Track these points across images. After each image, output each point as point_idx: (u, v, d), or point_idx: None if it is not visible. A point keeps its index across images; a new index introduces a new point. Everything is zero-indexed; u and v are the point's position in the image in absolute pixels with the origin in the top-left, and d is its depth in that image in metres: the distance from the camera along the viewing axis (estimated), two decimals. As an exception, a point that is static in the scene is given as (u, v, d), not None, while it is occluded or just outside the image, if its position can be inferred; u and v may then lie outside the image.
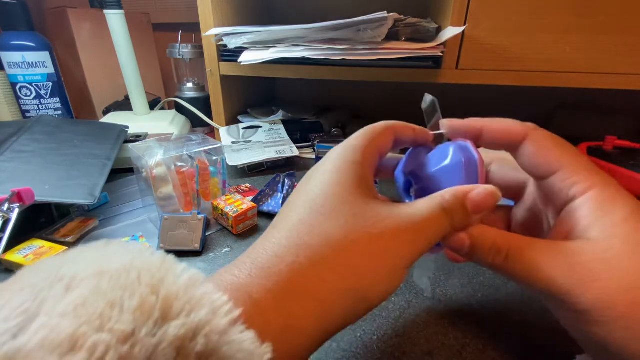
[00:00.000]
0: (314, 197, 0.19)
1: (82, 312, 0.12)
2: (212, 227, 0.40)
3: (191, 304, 0.13)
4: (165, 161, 0.38)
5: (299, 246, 0.17)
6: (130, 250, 0.15)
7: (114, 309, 0.12)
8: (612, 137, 0.54)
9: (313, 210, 0.18)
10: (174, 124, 0.65)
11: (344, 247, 0.17)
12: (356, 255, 0.17)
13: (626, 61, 0.49)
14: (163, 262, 0.14)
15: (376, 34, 0.48)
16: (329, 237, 0.17)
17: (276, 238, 0.18)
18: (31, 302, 0.12)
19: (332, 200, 0.18)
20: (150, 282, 0.13)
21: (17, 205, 0.34)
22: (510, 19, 0.49)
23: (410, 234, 0.18)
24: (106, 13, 0.59)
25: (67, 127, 0.51)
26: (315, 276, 0.16)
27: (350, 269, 0.17)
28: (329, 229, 0.17)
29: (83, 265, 0.14)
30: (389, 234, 0.18)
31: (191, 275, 0.14)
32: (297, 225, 0.18)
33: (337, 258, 0.17)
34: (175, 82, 0.82)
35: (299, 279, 0.16)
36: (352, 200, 0.18)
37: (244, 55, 0.54)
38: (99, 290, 0.12)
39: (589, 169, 0.20)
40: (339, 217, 0.18)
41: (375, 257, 0.17)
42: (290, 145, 0.59)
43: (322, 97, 0.87)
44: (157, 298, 0.13)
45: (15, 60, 0.62)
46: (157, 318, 0.12)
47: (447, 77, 0.54)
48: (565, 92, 0.73)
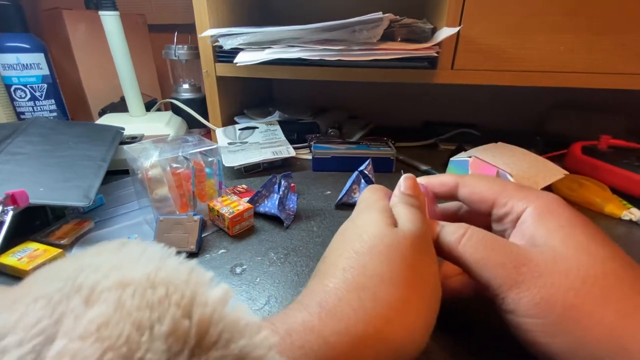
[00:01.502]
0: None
1: (106, 334, 0.10)
2: (208, 229, 0.40)
3: (229, 331, 0.12)
4: (160, 162, 0.38)
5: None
6: (151, 255, 0.14)
7: (143, 334, 0.11)
8: (606, 136, 0.54)
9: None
10: (170, 125, 0.65)
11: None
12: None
13: (620, 61, 0.50)
14: (190, 273, 0.13)
15: (372, 34, 0.48)
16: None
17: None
18: (48, 318, 0.11)
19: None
20: (181, 301, 0.12)
21: (11, 208, 0.34)
22: (505, 19, 0.50)
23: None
24: (101, 14, 0.59)
25: (62, 129, 0.51)
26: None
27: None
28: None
29: (102, 273, 0.12)
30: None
31: (222, 291, 0.13)
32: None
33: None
34: (171, 83, 0.82)
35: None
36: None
37: (239, 56, 0.54)
38: (122, 307, 0.11)
39: (520, 190, 0.23)
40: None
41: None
42: (286, 146, 0.59)
43: (319, 97, 0.87)
44: (191, 322, 0.11)
45: (9, 62, 0.61)
46: (193, 347, 0.11)
47: (442, 78, 0.55)
48: (560, 91, 0.74)
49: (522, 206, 0.22)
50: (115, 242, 0.15)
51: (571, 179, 0.48)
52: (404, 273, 0.19)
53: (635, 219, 0.42)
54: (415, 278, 0.20)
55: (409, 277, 0.19)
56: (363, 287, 0.18)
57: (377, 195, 0.25)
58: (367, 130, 0.74)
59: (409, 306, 0.19)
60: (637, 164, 0.48)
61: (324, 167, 0.57)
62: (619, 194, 0.46)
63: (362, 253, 0.20)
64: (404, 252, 0.20)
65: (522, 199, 0.22)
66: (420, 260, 0.20)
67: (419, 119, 0.82)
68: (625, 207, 0.44)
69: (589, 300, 0.18)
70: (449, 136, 0.70)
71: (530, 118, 0.78)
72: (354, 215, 0.25)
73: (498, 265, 0.20)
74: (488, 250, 0.21)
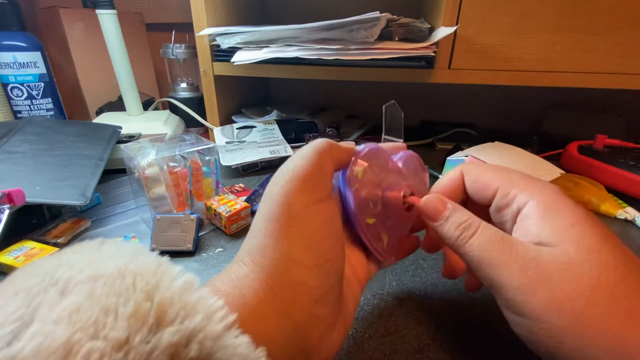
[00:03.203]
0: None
1: (77, 318, 0.12)
2: (205, 227, 0.40)
3: (186, 310, 0.13)
4: (157, 161, 0.38)
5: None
6: (125, 252, 0.15)
7: (109, 316, 0.12)
8: (602, 135, 0.55)
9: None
10: (168, 124, 0.64)
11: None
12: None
13: (616, 61, 0.50)
14: (158, 266, 0.14)
15: (369, 34, 0.48)
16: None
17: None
18: (25, 307, 0.12)
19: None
20: (145, 287, 0.13)
21: (7, 207, 0.33)
22: (501, 19, 0.50)
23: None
24: (98, 13, 0.58)
25: (59, 128, 0.51)
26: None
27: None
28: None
29: (78, 268, 0.14)
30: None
31: (186, 279, 0.14)
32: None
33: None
34: (169, 82, 0.82)
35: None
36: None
37: (237, 55, 0.54)
38: (93, 295, 0.12)
39: (524, 180, 0.22)
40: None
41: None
42: (284, 145, 0.59)
43: (317, 97, 0.87)
44: (152, 304, 0.13)
45: (6, 61, 0.61)
46: (151, 325, 0.12)
47: (439, 77, 0.55)
48: (557, 91, 0.74)
49: (525, 199, 0.21)
50: (94, 241, 0.16)
51: (567, 178, 0.48)
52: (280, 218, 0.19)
53: (630, 217, 0.42)
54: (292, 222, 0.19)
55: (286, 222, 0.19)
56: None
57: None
58: (365, 130, 0.75)
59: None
60: (633, 163, 0.48)
61: (321, 166, 0.57)
62: (614, 193, 0.47)
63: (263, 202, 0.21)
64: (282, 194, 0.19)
65: (525, 189, 0.21)
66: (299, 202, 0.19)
67: (416, 118, 0.82)
68: (621, 206, 0.44)
69: (598, 308, 0.17)
70: (445, 135, 0.71)
71: (526, 117, 0.78)
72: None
73: (502, 265, 0.19)
74: (494, 251, 0.20)
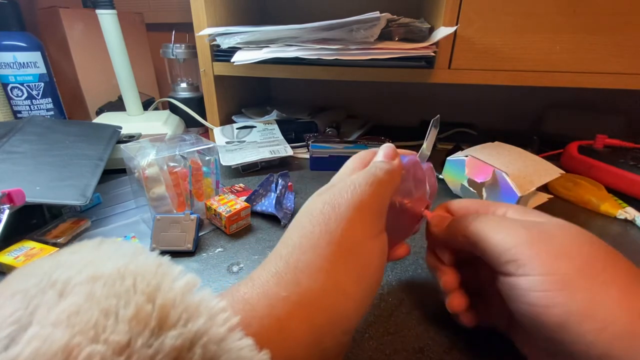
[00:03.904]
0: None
1: (76, 320, 0.11)
2: (205, 227, 0.40)
3: (188, 312, 0.13)
4: (157, 161, 0.38)
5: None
6: (125, 252, 0.15)
7: (109, 318, 0.12)
8: (602, 135, 0.55)
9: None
10: (168, 124, 0.64)
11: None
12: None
13: (616, 61, 0.50)
14: (159, 266, 0.14)
15: (369, 34, 0.48)
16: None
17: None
18: (23, 309, 0.12)
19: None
20: (146, 289, 0.13)
21: (7, 207, 0.33)
22: (501, 19, 0.50)
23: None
24: (98, 13, 0.58)
25: (59, 128, 0.50)
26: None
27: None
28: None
29: (76, 269, 0.13)
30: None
31: (187, 280, 0.14)
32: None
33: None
34: (169, 82, 0.82)
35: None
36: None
37: (237, 55, 0.54)
38: (92, 297, 0.12)
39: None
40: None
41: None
42: (284, 145, 0.59)
43: (317, 97, 0.87)
44: (153, 306, 0.12)
45: (6, 61, 0.61)
46: (153, 327, 0.12)
47: (439, 77, 0.55)
48: (557, 91, 0.74)
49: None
50: (93, 241, 0.16)
51: (567, 178, 0.48)
52: (332, 246, 0.19)
53: (630, 217, 0.42)
54: (348, 244, 0.19)
55: (341, 244, 0.19)
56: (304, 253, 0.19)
57: (352, 166, 0.25)
58: (365, 130, 0.75)
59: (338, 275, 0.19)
60: (633, 163, 0.48)
61: (321, 166, 0.57)
62: (614, 193, 0.47)
63: (309, 223, 0.20)
64: (336, 223, 0.20)
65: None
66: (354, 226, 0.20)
67: (416, 118, 0.82)
68: (621, 206, 0.44)
69: (605, 253, 0.19)
70: (446, 135, 0.70)
71: (527, 117, 0.78)
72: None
73: (507, 227, 0.21)
74: (496, 221, 0.22)
